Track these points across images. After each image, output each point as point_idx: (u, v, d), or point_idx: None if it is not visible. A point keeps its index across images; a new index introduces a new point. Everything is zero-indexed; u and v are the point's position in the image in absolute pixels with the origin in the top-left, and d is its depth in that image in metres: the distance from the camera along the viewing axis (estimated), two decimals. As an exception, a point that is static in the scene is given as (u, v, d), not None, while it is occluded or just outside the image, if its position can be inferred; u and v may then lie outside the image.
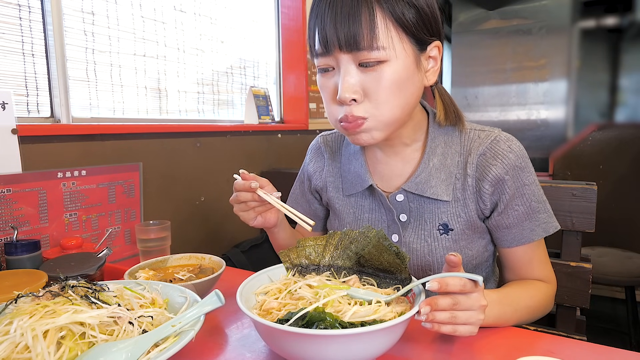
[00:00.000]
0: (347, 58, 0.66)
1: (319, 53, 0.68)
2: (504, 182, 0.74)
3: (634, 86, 2.64)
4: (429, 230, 0.78)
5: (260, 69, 2.43)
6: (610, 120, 2.71)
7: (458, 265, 0.56)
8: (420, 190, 0.77)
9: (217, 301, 0.59)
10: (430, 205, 0.78)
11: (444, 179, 0.77)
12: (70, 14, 1.44)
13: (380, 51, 0.64)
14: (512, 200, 0.74)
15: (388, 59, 0.65)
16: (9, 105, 1.07)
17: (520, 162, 0.74)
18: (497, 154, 0.74)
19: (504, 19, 2.95)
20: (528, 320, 0.74)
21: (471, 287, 0.56)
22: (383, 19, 0.63)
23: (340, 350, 0.50)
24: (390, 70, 0.65)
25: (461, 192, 0.76)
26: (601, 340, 0.64)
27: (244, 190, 0.77)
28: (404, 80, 0.67)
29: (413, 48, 0.67)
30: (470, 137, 0.78)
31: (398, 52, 0.65)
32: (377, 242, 0.68)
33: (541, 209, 0.76)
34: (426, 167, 0.77)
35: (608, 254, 2.17)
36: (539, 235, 0.76)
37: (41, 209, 1.11)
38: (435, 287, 0.54)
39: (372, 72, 0.65)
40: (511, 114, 2.98)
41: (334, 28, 0.64)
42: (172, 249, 1.06)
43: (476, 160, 0.75)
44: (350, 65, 0.66)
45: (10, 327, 0.50)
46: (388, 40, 0.64)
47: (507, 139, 0.76)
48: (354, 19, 0.63)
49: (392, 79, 0.66)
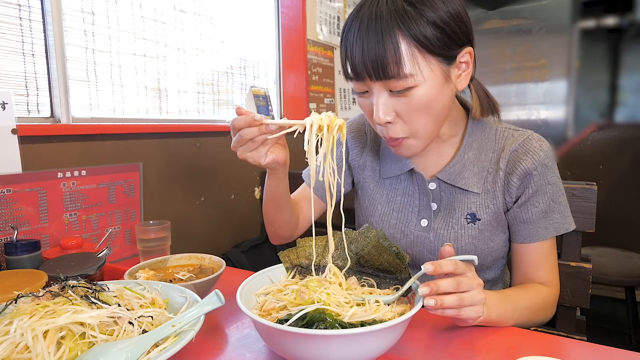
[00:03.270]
0: (378, 85, 0.69)
1: (352, 78, 0.72)
2: (531, 177, 0.77)
3: (634, 86, 2.64)
4: (457, 218, 0.81)
5: (260, 69, 2.43)
6: (610, 120, 2.71)
7: (452, 255, 0.60)
8: (453, 180, 0.81)
9: (217, 301, 0.59)
10: (461, 196, 0.81)
11: (476, 172, 0.81)
12: (70, 14, 1.44)
13: (408, 79, 0.66)
14: (534, 195, 0.78)
15: (417, 85, 0.67)
16: (9, 105, 1.07)
17: (548, 161, 0.78)
18: (528, 150, 0.78)
19: (504, 19, 2.94)
20: (528, 322, 0.74)
21: (463, 268, 0.59)
22: (408, 46, 0.65)
23: (340, 350, 0.50)
24: (420, 94, 0.68)
25: (492, 184, 0.80)
26: (601, 340, 0.64)
27: (247, 126, 0.67)
28: (434, 98, 0.69)
29: (441, 66, 0.69)
30: (505, 136, 0.82)
31: (426, 75, 0.67)
32: (377, 242, 0.68)
33: (556, 209, 0.79)
34: (461, 159, 0.81)
35: (608, 254, 2.17)
36: (550, 234, 0.79)
37: (41, 209, 1.11)
38: (430, 269, 0.57)
39: (403, 97, 0.68)
40: (511, 114, 2.98)
41: (362, 60, 0.67)
42: (172, 249, 1.06)
43: (508, 156, 0.79)
44: (382, 92, 0.69)
45: (10, 327, 0.50)
46: (415, 67, 0.66)
47: (540, 139, 0.80)
48: (379, 50, 0.65)
49: (422, 102, 0.68)
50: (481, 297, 0.59)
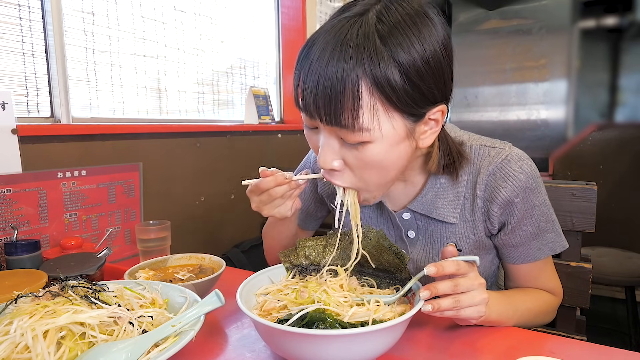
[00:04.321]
0: (328, 130, 0.59)
1: (301, 110, 0.61)
2: (514, 205, 0.70)
3: (634, 86, 2.64)
4: (436, 250, 0.77)
5: (260, 69, 2.43)
6: (610, 120, 2.71)
7: (454, 255, 0.59)
8: (427, 211, 0.75)
9: (217, 301, 0.59)
10: (438, 225, 0.76)
11: (451, 199, 0.73)
12: (70, 14, 1.44)
13: (363, 133, 0.56)
14: (520, 221, 0.72)
15: (372, 141, 0.57)
16: (9, 105, 1.07)
17: (530, 183, 0.70)
18: (507, 176, 0.70)
19: (504, 19, 2.94)
20: (528, 323, 0.73)
21: (466, 268, 0.58)
22: (370, 96, 0.55)
23: (340, 350, 0.50)
24: (375, 152, 0.58)
25: (470, 213, 0.74)
26: (601, 340, 0.64)
27: (277, 185, 0.67)
28: (389, 157, 0.60)
29: (405, 123, 0.59)
30: (480, 155, 0.73)
31: (385, 132, 0.57)
32: (377, 242, 0.68)
33: (549, 229, 0.74)
34: (433, 187, 0.74)
35: (608, 254, 2.17)
36: (545, 254, 0.75)
37: (41, 209, 1.11)
38: (433, 271, 0.56)
39: (354, 149, 0.59)
40: (511, 114, 2.98)
41: (314, 98, 0.56)
42: (172, 249, 1.06)
43: (485, 181, 0.71)
44: (331, 138, 0.60)
45: (10, 327, 0.50)
46: (374, 121, 0.56)
47: (519, 158, 0.71)
48: (336, 94, 0.54)
49: (375, 160, 0.59)
50: (482, 297, 0.58)
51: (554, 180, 1.16)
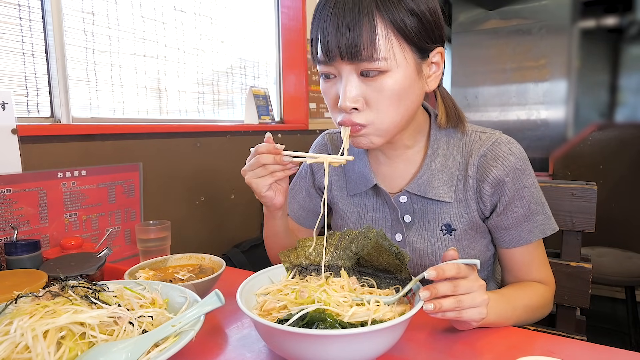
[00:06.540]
0: (349, 68, 0.66)
1: (321, 61, 0.69)
2: (504, 184, 0.74)
3: (634, 86, 2.64)
4: (432, 230, 0.79)
5: (260, 69, 2.43)
6: (610, 120, 2.71)
7: (455, 259, 0.59)
8: (423, 192, 0.78)
9: (217, 301, 0.59)
10: (433, 206, 0.79)
11: (446, 180, 0.78)
12: (70, 14, 1.44)
13: (381, 62, 0.64)
14: (511, 202, 0.75)
15: (389, 69, 0.65)
16: (9, 105, 1.07)
17: (520, 164, 0.75)
18: (497, 156, 0.75)
19: (504, 19, 2.94)
20: (527, 320, 0.74)
21: (466, 271, 0.58)
22: (384, 29, 0.63)
23: (340, 350, 0.50)
24: (392, 81, 0.66)
25: (463, 193, 0.78)
26: (601, 340, 0.64)
27: (267, 153, 0.72)
28: (405, 89, 0.67)
29: (414, 57, 0.67)
30: (472, 139, 0.78)
31: (399, 62, 0.65)
32: (377, 242, 0.68)
33: (539, 211, 0.77)
34: (428, 169, 0.78)
35: (608, 254, 2.17)
36: (536, 237, 0.77)
37: (41, 209, 1.11)
38: (434, 275, 0.56)
39: (373, 82, 0.66)
40: (511, 114, 2.98)
41: (336, 38, 0.64)
42: (172, 249, 1.06)
43: (477, 162, 0.76)
44: (352, 75, 0.67)
45: (10, 327, 0.50)
46: (389, 50, 0.64)
47: (508, 142, 0.77)
48: (355, 29, 0.63)
49: (393, 89, 0.66)
50: (483, 299, 0.58)
51: (554, 180, 1.16)
